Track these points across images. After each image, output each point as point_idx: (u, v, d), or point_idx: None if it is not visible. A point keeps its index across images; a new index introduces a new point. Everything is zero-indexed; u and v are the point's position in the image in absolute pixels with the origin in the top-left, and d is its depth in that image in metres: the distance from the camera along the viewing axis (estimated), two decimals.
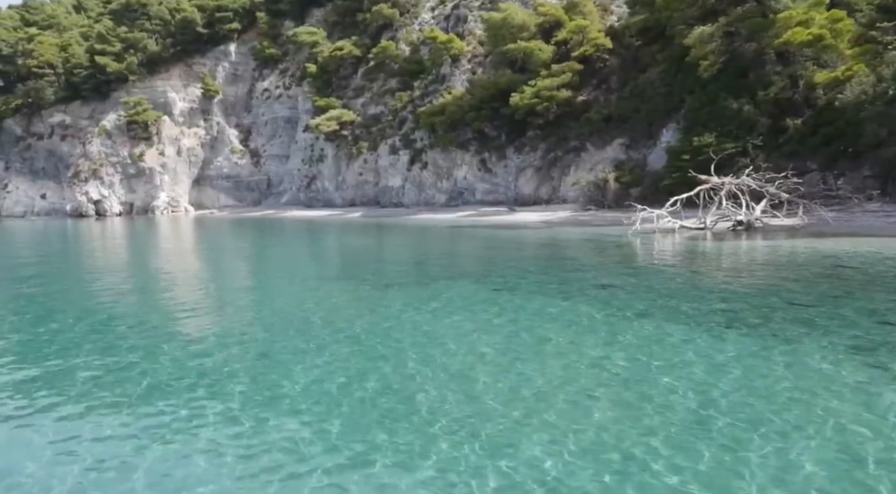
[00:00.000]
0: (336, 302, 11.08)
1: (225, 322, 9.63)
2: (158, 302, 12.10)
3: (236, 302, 11.69)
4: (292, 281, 14.02)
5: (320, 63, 62.35)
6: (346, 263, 18.51)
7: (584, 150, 37.65)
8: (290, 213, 57.19)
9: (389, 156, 49.87)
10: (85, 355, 7.60)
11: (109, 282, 14.81)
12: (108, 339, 8.49)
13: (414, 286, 12.28)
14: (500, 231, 27.40)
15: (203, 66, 75.27)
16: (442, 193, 45.42)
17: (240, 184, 72.42)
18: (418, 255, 19.95)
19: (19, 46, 77.04)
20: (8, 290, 13.66)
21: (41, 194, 76.63)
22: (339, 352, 7.41)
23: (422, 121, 45.68)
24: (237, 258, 21.50)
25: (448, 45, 46.22)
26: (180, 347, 7.92)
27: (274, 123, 71.58)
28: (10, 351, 8.03)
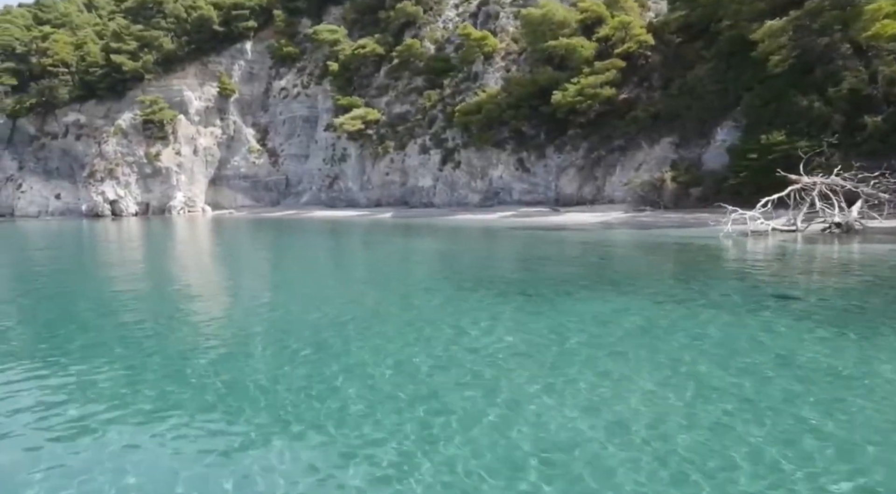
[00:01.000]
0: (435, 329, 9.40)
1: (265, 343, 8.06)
2: (194, 315, 10.74)
3: (272, 318, 10.17)
4: (338, 291, 12.52)
5: (342, 61, 60.64)
6: (417, 271, 16.82)
7: (629, 149, 36.16)
8: (312, 214, 55.49)
9: (419, 156, 48.25)
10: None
11: (141, 290, 13.36)
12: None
13: (517, 302, 10.70)
14: (562, 233, 25.83)
15: (219, 65, 73.41)
16: (476, 193, 43.86)
17: (257, 184, 70.64)
18: (494, 260, 18.38)
19: (33, 45, 75.05)
20: (40, 304, 12.10)
21: (55, 194, 74.69)
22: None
23: (455, 119, 44.08)
24: (269, 263, 19.87)
25: (481, 43, 44.60)
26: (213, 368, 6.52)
27: (292, 122, 69.81)
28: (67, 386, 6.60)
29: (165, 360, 7.44)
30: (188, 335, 9.05)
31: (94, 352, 8.05)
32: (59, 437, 5.29)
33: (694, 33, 38.54)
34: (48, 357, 7.81)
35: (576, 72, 37.93)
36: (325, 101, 63.98)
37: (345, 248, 23.94)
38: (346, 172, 58.21)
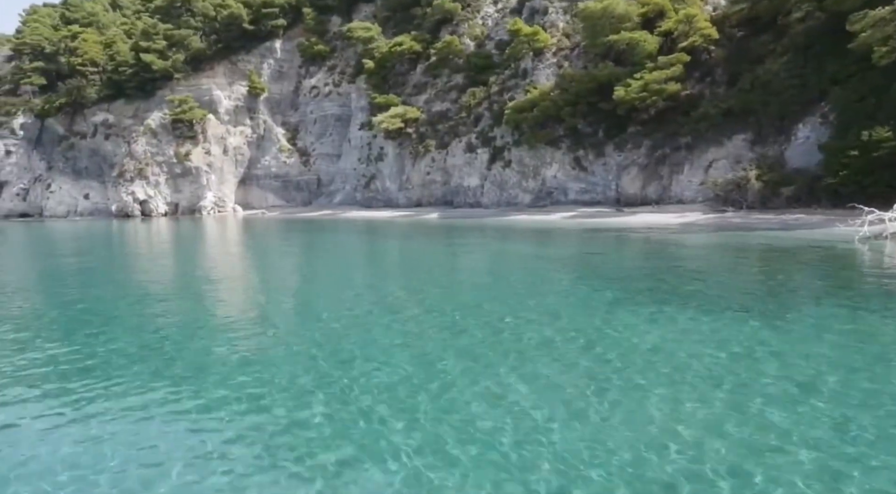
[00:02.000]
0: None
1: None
2: (250, 336, 9.21)
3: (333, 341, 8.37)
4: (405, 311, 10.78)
5: (377, 59, 58.83)
6: (558, 280, 14.93)
7: (696, 147, 34.24)
8: (348, 214, 53.74)
9: (465, 155, 46.41)
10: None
11: (188, 301, 11.67)
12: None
13: (759, 321, 8.92)
14: (654, 235, 23.98)
15: (248, 64, 71.75)
16: (527, 193, 42.01)
17: (288, 184, 68.98)
18: (634, 266, 16.57)
19: (62, 44, 73.58)
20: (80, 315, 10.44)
21: (84, 194, 73.25)
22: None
23: (505, 117, 42.21)
24: (321, 270, 18.10)
25: (532, 38, 42.68)
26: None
27: (323, 121, 68.09)
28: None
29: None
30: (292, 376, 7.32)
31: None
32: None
33: (759, 27, 36.67)
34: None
35: (638, 67, 36.00)
36: (359, 100, 62.22)
37: (424, 254, 21.95)
38: (383, 172, 56.43)
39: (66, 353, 8.60)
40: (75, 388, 7.07)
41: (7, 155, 76.08)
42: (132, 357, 8.35)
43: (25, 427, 5.99)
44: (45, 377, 7.57)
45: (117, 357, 8.34)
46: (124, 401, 6.63)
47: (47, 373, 7.68)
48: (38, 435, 5.76)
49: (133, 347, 8.90)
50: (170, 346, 8.94)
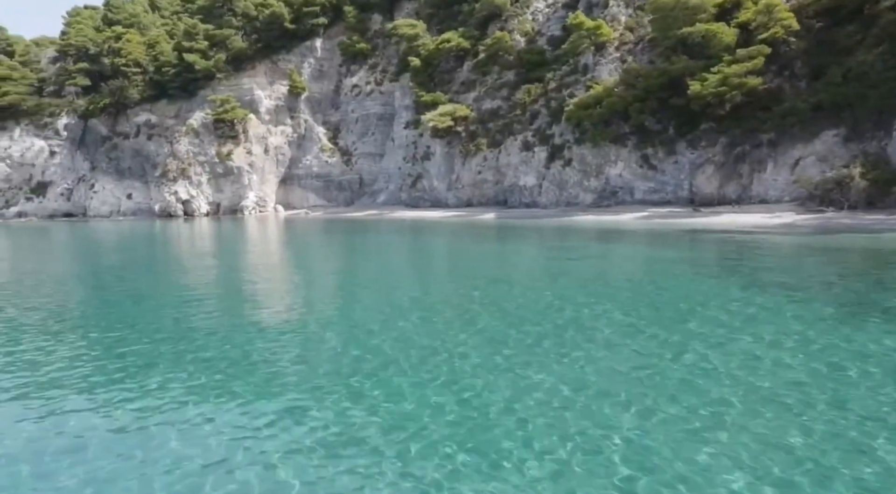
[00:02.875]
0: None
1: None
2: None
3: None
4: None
5: (424, 56, 57.30)
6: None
7: (780, 144, 32.09)
8: (395, 214, 52.27)
9: (521, 153, 44.65)
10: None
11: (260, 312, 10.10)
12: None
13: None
14: (762, 239, 21.99)
15: (289, 63, 70.75)
16: (588, 193, 40.13)
17: (330, 184, 67.83)
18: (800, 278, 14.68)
19: (105, 45, 73.33)
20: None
21: (127, 194, 72.93)
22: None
23: (567, 114, 40.38)
24: (399, 280, 16.28)
25: (595, 32, 40.74)
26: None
27: (365, 120, 66.82)
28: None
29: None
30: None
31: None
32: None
33: (841, 17, 34.33)
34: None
35: (714, 60, 33.92)
36: (403, 98, 60.78)
37: (527, 262, 20.20)
38: (430, 171, 54.89)
39: (141, 354, 8.54)
40: (154, 391, 7.02)
41: (51, 155, 76.16)
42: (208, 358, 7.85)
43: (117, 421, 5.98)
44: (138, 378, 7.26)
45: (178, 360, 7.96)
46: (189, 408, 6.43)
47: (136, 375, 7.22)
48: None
49: (212, 350, 8.29)
50: (243, 352, 8.38)
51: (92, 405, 6.60)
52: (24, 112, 75.81)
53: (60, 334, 9.88)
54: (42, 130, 76.07)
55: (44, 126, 75.91)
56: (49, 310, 11.89)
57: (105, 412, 6.37)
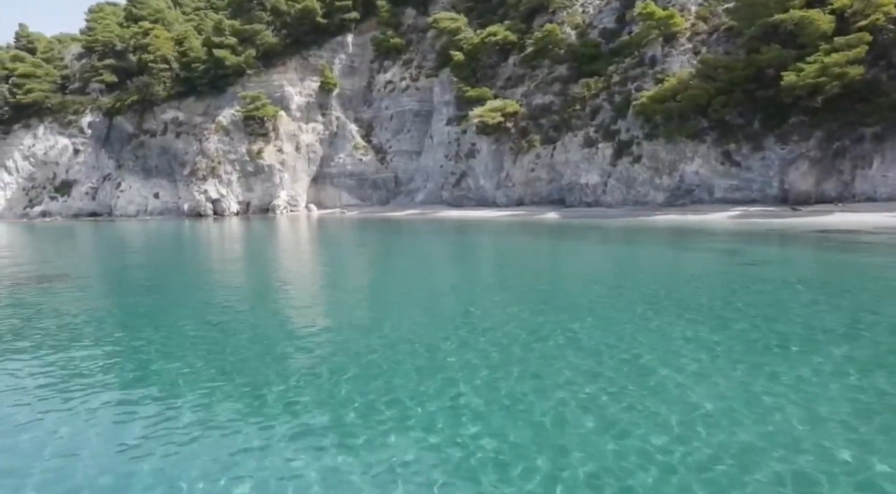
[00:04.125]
0: None
1: None
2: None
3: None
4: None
5: (467, 51, 54.52)
6: None
7: (887, 138, 29.40)
8: (440, 214, 49.52)
9: (582, 150, 41.92)
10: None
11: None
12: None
13: None
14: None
15: (319, 59, 67.86)
16: (660, 191, 37.42)
17: (364, 182, 65.03)
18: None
19: (132, 41, 70.48)
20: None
21: (154, 193, 70.12)
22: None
23: (636, 108, 37.66)
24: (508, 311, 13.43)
25: (667, 22, 37.99)
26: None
27: (400, 117, 64.02)
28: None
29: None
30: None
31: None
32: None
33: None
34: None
35: (809, 49, 31.21)
36: (443, 94, 58.01)
37: (677, 270, 17.43)
38: (476, 169, 52.15)
39: (186, 363, 7.70)
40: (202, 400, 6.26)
41: (75, 154, 73.41)
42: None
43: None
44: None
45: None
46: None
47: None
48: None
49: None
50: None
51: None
52: (48, 110, 73.04)
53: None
54: (66, 128, 73.29)
55: (68, 124, 73.14)
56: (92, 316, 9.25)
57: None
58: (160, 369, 7.49)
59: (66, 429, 5.75)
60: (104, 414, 6.06)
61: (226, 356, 8.00)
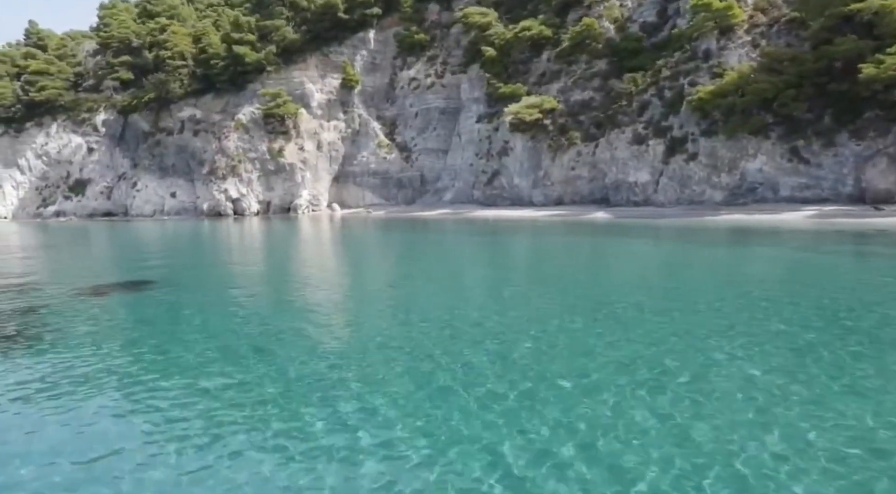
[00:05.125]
0: None
1: None
2: None
3: None
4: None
5: (500, 46, 52.31)
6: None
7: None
8: (474, 213, 47.28)
9: (631, 147, 39.79)
10: None
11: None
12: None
13: None
14: None
15: (340, 55, 65.46)
16: (718, 190, 35.33)
17: (388, 181, 62.71)
18: None
19: (148, 38, 67.90)
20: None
21: (171, 192, 67.57)
22: None
23: (693, 104, 35.54)
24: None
25: (724, 14, 35.85)
26: None
27: (426, 115, 61.74)
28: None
29: None
30: None
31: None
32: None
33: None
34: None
35: (889, 40, 29.16)
36: (472, 91, 55.79)
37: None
38: (509, 167, 49.95)
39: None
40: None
41: (89, 152, 70.82)
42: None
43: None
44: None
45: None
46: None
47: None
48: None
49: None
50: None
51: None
52: (61, 108, 70.45)
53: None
54: (80, 126, 70.71)
55: (81, 122, 70.56)
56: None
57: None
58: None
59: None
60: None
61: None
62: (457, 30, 62.05)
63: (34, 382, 6.87)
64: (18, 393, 6.51)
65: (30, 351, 8.12)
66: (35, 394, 6.47)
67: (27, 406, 6.18)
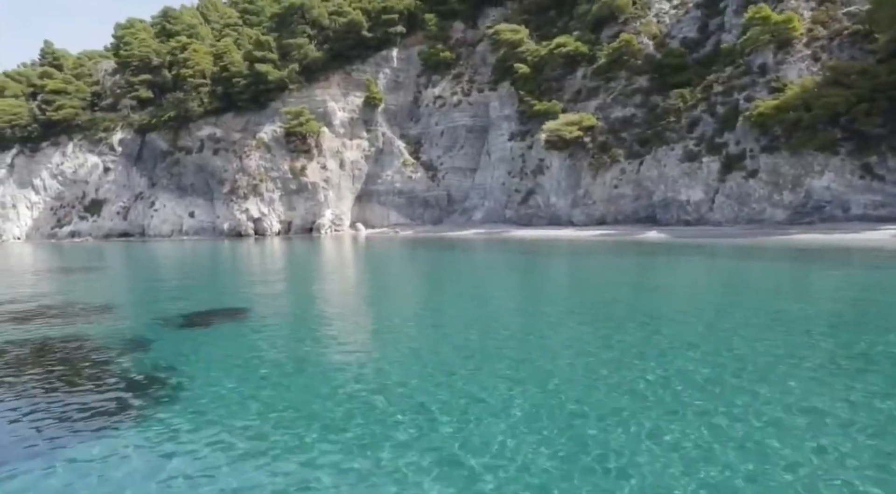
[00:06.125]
0: None
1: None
2: None
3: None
4: None
5: (533, 63, 50.83)
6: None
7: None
8: (510, 233, 45.14)
9: (682, 164, 37.99)
10: None
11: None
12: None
13: None
14: None
15: (363, 74, 64.05)
16: (780, 208, 33.42)
17: (413, 201, 60.76)
18: None
19: (168, 56, 66.41)
20: None
21: (189, 212, 65.53)
22: None
23: (753, 119, 33.81)
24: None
25: (783, 27, 34.33)
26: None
27: (452, 133, 60.05)
28: None
29: None
30: None
31: None
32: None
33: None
34: None
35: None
36: (502, 108, 54.20)
37: None
38: (545, 186, 48.07)
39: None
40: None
41: (105, 172, 68.90)
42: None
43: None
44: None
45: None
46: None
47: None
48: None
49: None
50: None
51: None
52: (78, 127, 68.72)
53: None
54: (96, 146, 68.88)
55: (98, 141, 68.75)
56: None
57: None
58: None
59: None
60: None
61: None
62: (483, 47, 60.81)
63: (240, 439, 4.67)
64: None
65: (186, 405, 5.89)
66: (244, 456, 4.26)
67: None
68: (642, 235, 36.05)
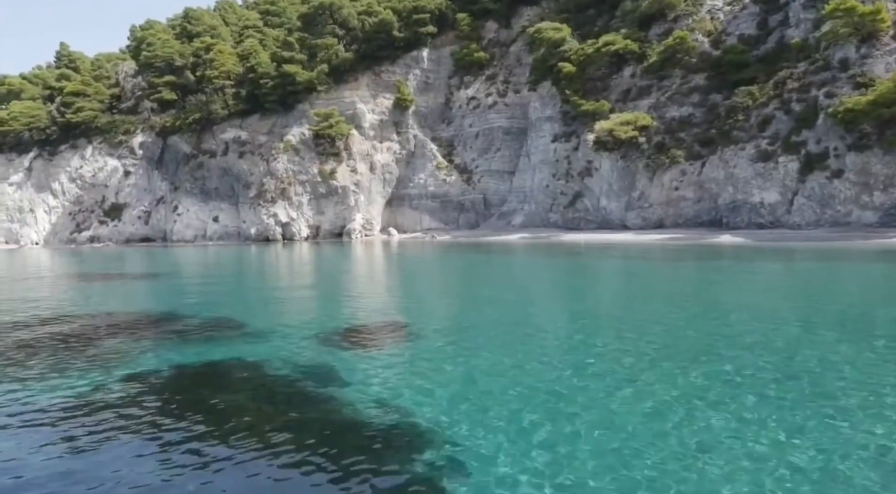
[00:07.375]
0: None
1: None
2: None
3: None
4: None
5: (578, 62, 48.38)
6: None
7: None
8: (560, 238, 42.35)
9: (755, 164, 35.52)
10: None
11: None
12: None
13: None
14: None
15: (393, 75, 61.57)
16: (869, 210, 30.99)
17: (447, 204, 58.10)
18: None
19: (191, 58, 63.70)
20: None
21: (213, 216, 62.64)
22: None
23: (836, 117, 31.38)
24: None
25: (872, 19, 31.99)
26: None
27: (488, 135, 57.54)
28: None
29: None
30: None
31: None
32: None
33: None
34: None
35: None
36: (543, 109, 51.72)
37: None
38: (594, 188, 45.57)
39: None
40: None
41: (126, 175, 65.95)
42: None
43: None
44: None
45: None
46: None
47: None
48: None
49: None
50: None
51: None
52: (97, 130, 65.77)
53: None
54: (116, 149, 65.94)
55: (118, 144, 65.82)
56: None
57: None
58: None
59: None
60: None
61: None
62: (517, 47, 58.51)
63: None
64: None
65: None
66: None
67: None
68: (714, 239, 33.47)
